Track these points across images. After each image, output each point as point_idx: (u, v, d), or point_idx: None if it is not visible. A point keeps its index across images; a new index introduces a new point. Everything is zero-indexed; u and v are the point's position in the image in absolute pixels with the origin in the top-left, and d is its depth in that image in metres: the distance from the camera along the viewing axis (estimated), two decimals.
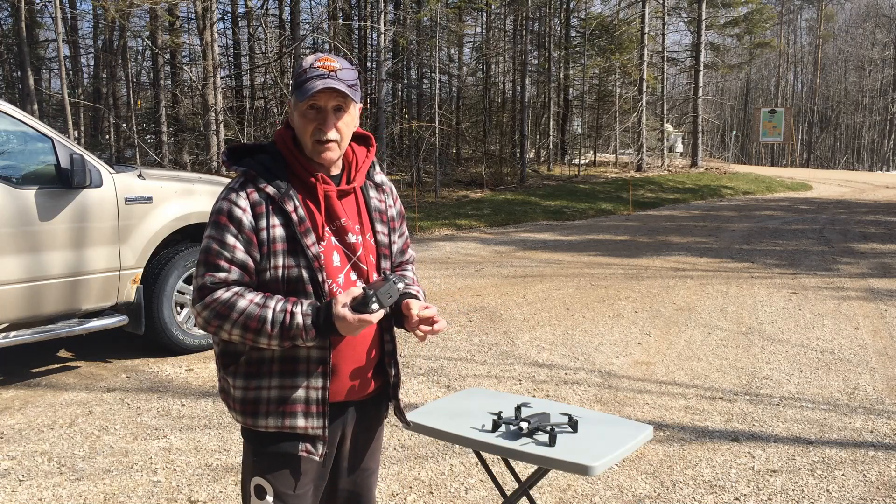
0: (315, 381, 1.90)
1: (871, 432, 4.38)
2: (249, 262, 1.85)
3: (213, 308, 1.82)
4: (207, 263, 1.85)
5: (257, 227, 1.85)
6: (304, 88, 1.85)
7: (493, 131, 27.78)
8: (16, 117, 4.82)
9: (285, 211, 1.86)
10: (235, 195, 1.86)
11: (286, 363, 1.89)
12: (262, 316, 1.80)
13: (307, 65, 1.88)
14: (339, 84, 1.85)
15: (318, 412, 1.91)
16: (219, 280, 1.83)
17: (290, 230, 1.86)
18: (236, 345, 1.91)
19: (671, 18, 29.11)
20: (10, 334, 4.78)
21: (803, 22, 54.56)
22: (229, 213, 1.85)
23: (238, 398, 1.92)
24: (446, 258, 10.49)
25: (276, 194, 1.86)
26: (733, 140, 44.42)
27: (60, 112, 17.73)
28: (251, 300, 1.82)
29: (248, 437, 1.97)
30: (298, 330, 1.80)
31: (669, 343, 6.24)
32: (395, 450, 4.03)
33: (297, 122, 1.90)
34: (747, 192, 22.00)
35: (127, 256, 5.25)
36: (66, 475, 3.74)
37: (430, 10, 21.03)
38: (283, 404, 1.89)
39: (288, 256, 1.86)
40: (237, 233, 1.84)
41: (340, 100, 1.88)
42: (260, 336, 1.81)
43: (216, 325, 1.83)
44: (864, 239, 12.68)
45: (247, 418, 1.92)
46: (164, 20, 17.96)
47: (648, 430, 2.60)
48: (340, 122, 1.89)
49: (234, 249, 1.84)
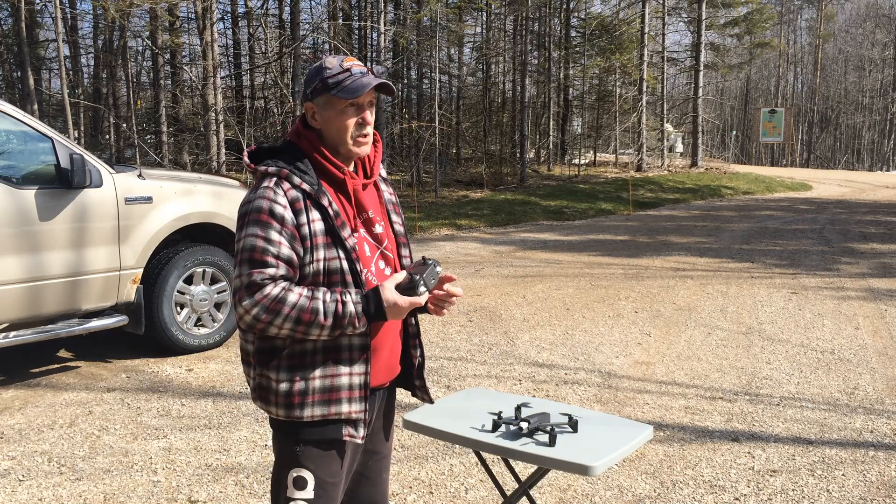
0: (358, 368, 1.97)
1: (871, 432, 4.38)
2: (294, 258, 1.90)
3: (264, 304, 1.85)
4: (253, 261, 1.88)
5: (298, 223, 1.91)
6: (350, 86, 1.92)
7: (493, 131, 27.77)
8: (16, 117, 4.83)
9: (321, 206, 1.94)
10: (273, 193, 1.91)
11: (329, 352, 1.95)
12: (315, 308, 1.85)
13: (338, 66, 1.96)
14: (386, 81, 1.97)
15: (361, 396, 1.98)
16: (268, 276, 1.87)
17: (327, 224, 1.94)
18: (274, 340, 1.94)
19: (671, 18, 29.11)
20: (10, 334, 4.78)
21: (803, 22, 54.57)
22: (271, 211, 1.89)
23: (283, 391, 1.95)
24: (446, 258, 10.49)
25: (312, 190, 1.93)
26: (733, 140, 44.42)
27: (60, 112, 17.74)
28: (300, 294, 1.87)
29: (287, 431, 2.00)
30: (351, 318, 1.87)
31: (669, 343, 6.24)
32: (395, 450, 4.03)
33: (331, 120, 1.97)
34: (747, 192, 22.00)
35: (127, 256, 5.25)
36: (66, 475, 3.74)
37: (430, 10, 21.02)
38: (328, 392, 1.95)
39: (328, 249, 1.93)
40: (280, 229, 1.89)
41: (374, 95, 1.99)
42: (312, 328, 1.86)
43: (267, 320, 1.86)
44: (864, 239, 12.68)
45: (292, 411, 1.95)
46: (164, 20, 17.97)
47: (648, 430, 2.60)
48: (372, 116, 2.01)
49: (279, 245, 1.88)
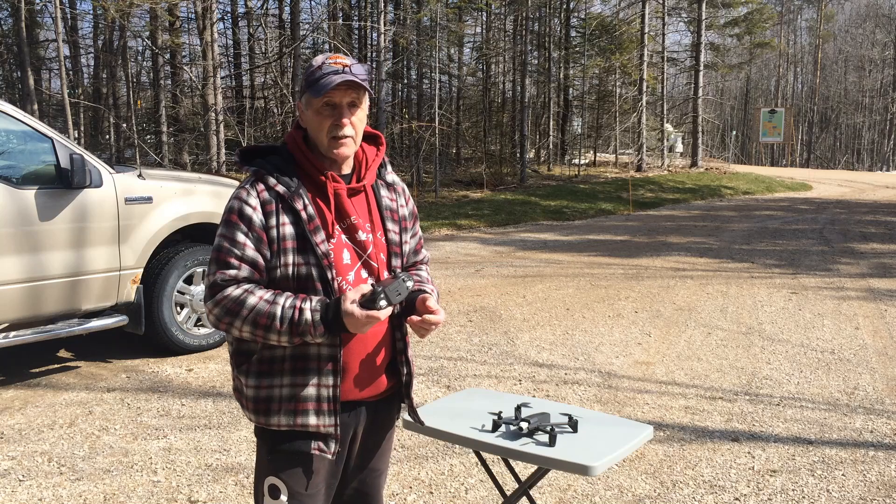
0: (326, 379, 1.92)
1: (871, 432, 4.38)
2: (259, 260, 1.88)
3: (224, 305, 1.86)
4: (218, 261, 1.89)
5: (267, 225, 1.88)
6: (319, 85, 1.88)
7: (493, 131, 27.78)
8: (16, 117, 4.82)
9: (294, 209, 1.90)
10: (246, 193, 1.91)
11: (297, 361, 1.91)
12: (272, 312, 1.82)
13: (318, 63, 1.92)
14: (355, 77, 1.90)
15: (330, 410, 1.93)
16: (229, 277, 1.87)
17: (299, 228, 1.90)
18: (249, 343, 1.94)
19: (671, 18, 29.13)
20: (10, 334, 4.78)
21: (803, 22, 54.60)
22: (240, 212, 1.89)
23: (251, 397, 1.94)
24: (446, 258, 10.49)
25: (286, 192, 1.90)
26: (733, 140, 44.42)
27: (60, 112, 17.74)
28: (261, 297, 1.84)
29: (261, 436, 1.99)
30: (307, 326, 1.82)
31: (669, 343, 6.24)
32: (395, 450, 4.03)
33: (310, 120, 1.94)
34: (747, 192, 22.01)
35: (127, 256, 5.25)
36: (66, 475, 3.74)
37: (430, 10, 21.03)
38: (294, 402, 1.91)
39: (297, 254, 1.89)
40: (247, 230, 1.88)
41: (355, 95, 1.92)
42: (269, 332, 1.83)
43: (227, 322, 1.86)
44: (864, 239, 12.68)
45: (259, 417, 1.94)
46: (164, 20, 17.96)
47: (648, 430, 2.60)
48: (354, 117, 1.94)
49: (244, 247, 1.87)
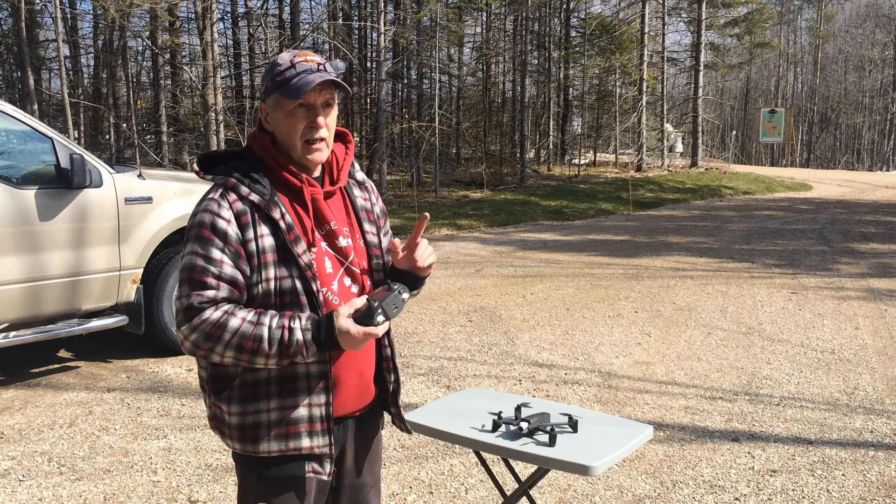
0: (318, 398, 1.79)
1: (871, 432, 4.38)
2: (239, 277, 1.72)
3: (203, 330, 1.68)
4: (192, 281, 1.70)
5: (244, 239, 1.72)
6: (293, 85, 1.73)
7: (493, 131, 27.78)
8: (16, 117, 4.82)
9: (272, 219, 1.75)
10: (217, 205, 1.73)
11: (285, 382, 1.77)
12: (258, 335, 1.67)
13: (287, 62, 1.77)
14: (333, 76, 1.76)
15: (323, 430, 1.80)
16: (207, 299, 1.69)
17: (279, 239, 1.75)
18: (226, 367, 1.77)
19: (671, 18, 29.12)
20: (10, 334, 4.78)
21: (803, 22, 54.59)
22: (213, 226, 1.71)
23: (235, 425, 1.78)
24: (446, 258, 10.49)
25: (261, 201, 1.75)
26: (733, 140, 44.42)
27: (60, 112, 17.74)
28: (244, 318, 1.68)
29: (246, 464, 1.85)
30: (299, 347, 1.68)
31: (669, 343, 6.23)
32: (395, 450, 4.03)
33: (281, 122, 1.79)
34: (747, 192, 22.01)
35: (127, 256, 5.25)
36: (66, 475, 3.74)
37: (430, 10, 21.03)
38: (285, 426, 1.77)
39: (279, 267, 1.74)
40: (223, 246, 1.71)
41: (329, 95, 1.79)
42: (256, 356, 1.68)
43: (207, 347, 1.69)
44: (864, 239, 12.68)
45: (247, 445, 1.79)
46: (164, 20, 17.96)
47: (648, 430, 2.60)
48: (329, 118, 1.80)
49: (221, 264, 1.70)
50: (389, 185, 18.38)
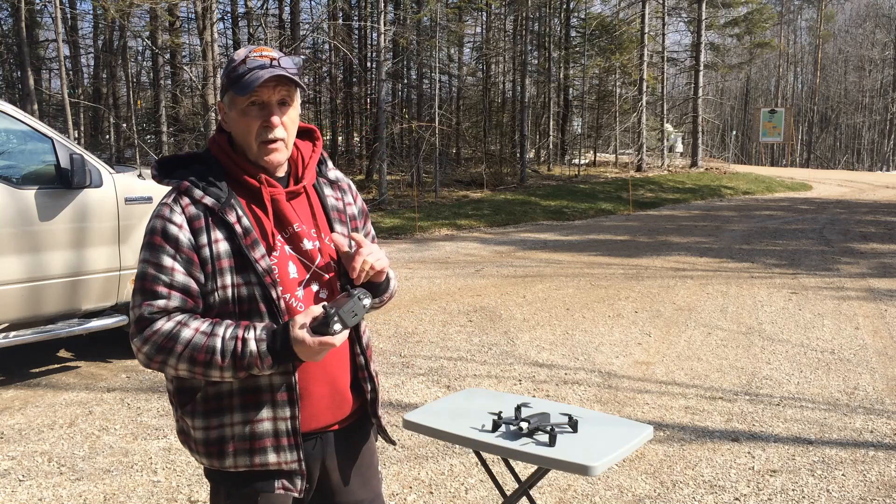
0: (282, 411, 1.70)
1: (871, 432, 4.38)
2: (192, 285, 1.64)
3: (154, 342, 1.61)
4: (143, 291, 1.64)
5: (197, 245, 1.64)
6: (244, 82, 1.64)
7: (493, 131, 27.79)
8: (16, 117, 4.83)
9: (227, 222, 1.66)
10: (169, 210, 1.66)
11: (247, 394, 1.69)
12: (211, 346, 1.59)
13: (241, 57, 1.68)
14: (285, 72, 1.66)
15: (291, 444, 1.71)
16: (158, 309, 1.62)
17: (234, 244, 1.66)
18: (189, 380, 1.70)
19: (671, 18, 29.14)
20: (10, 334, 4.78)
21: (803, 22, 54.61)
22: (164, 232, 1.64)
23: (200, 439, 1.72)
24: (446, 258, 10.49)
25: (216, 205, 1.66)
26: (733, 140, 44.43)
27: (60, 112, 17.75)
28: (196, 329, 1.61)
29: (216, 479, 1.78)
30: (253, 358, 1.59)
31: (669, 343, 6.24)
32: (395, 450, 4.03)
33: (235, 122, 1.70)
34: (747, 192, 22.01)
35: (127, 256, 5.25)
36: (66, 475, 3.74)
37: (430, 10, 21.03)
38: (249, 440, 1.70)
39: (236, 274, 1.66)
40: (174, 253, 1.63)
41: (285, 92, 1.70)
42: (210, 369, 1.61)
43: (160, 360, 1.62)
44: (864, 239, 12.68)
45: (213, 460, 1.72)
46: (164, 20, 17.97)
47: (648, 430, 2.60)
48: (286, 116, 1.70)
49: (172, 272, 1.63)
50: (389, 185, 18.39)
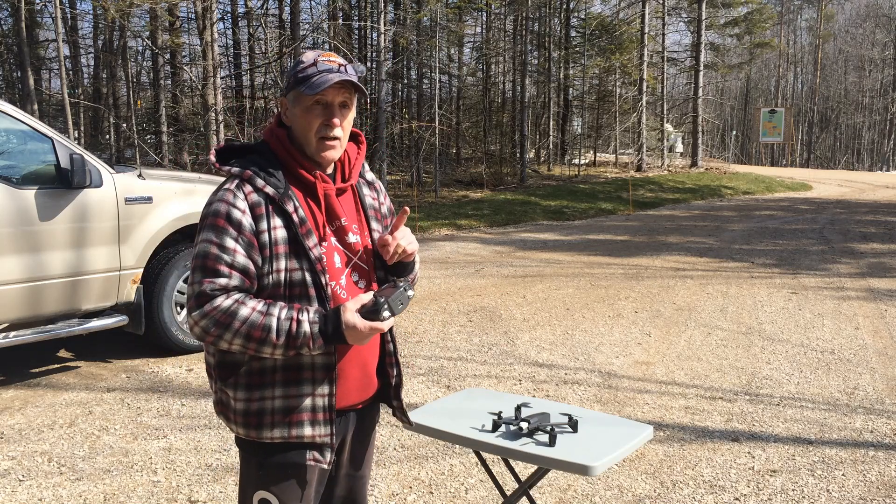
0: (321, 389, 1.84)
1: (871, 432, 4.38)
2: (251, 267, 1.77)
3: (213, 317, 1.73)
4: (205, 269, 1.75)
5: (258, 230, 1.77)
6: (314, 82, 1.79)
7: (493, 131, 27.78)
8: (16, 117, 4.82)
9: (286, 211, 1.80)
10: (233, 196, 1.78)
11: (290, 371, 1.82)
12: (267, 325, 1.72)
13: (311, 60, 1.83)
14: (351, 77, 1.82)
15: (325, 419, 1.85)
16: (219, 287, 1.73)
17: (291, 231, 1.80)
18: (234, 355, 1.83)
19: (671, 18, 29.14)
20: (10, 334, 4.78)
21: (803, 22, 54.61)
22: (228, 215, 1.76)
23: (240, 410, 1.84)
24: (446, 258, 10.49)
25: (276, 194, 1.79)
26: (733, 140, 44.43)
27: (60, 112, 17.75)
28: (253, 308, 1.73)
29: (249, 450, 1.90)
30: (306, 339, 1.73)
31: (669, 343, 6.24)
32: (395, 450, 4.03)
33: (298, 118, 1.84)
34: (747, 192, 22.00)
35: (127, 256, 5.25)
36: (66, 475, 3.74)
37: (430, 10, 21.03)
38: (288, 414, 1.83)
39: (290, 259, 1.79)
40: (237, 235, 1.75)
41: (348, 96, 1.85)
42: (264, 346, 1.73)
43: (216, 334, 1.74)
44: (864, 239, 12.68)
45: (250, 431, 1.85)
46: (164, 20, 17.96)
47: (648, 430, 2.60)
48: (345, 120, 1.86)
49: (234, 253, 1.75)
50: (389, 185, 18.38)
